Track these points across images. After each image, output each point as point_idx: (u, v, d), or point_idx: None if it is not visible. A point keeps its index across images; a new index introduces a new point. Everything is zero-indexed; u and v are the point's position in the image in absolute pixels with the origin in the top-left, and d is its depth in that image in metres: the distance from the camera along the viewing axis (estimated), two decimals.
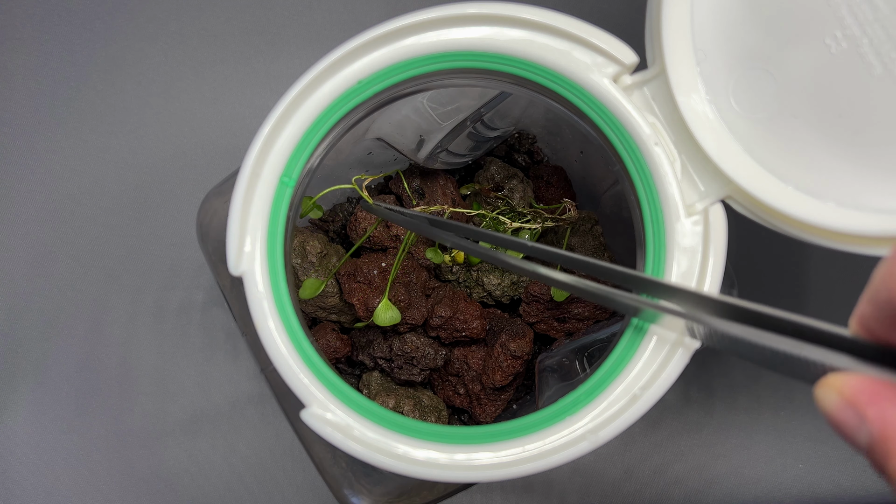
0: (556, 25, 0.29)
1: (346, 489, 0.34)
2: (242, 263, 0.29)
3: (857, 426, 0.16)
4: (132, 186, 0.52)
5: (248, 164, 0.30)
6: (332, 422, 0.28)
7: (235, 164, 0.31)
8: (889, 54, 0.27)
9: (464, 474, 0.28)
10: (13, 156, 0.52)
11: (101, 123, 0.53)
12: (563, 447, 0.28)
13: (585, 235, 0.43)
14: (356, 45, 0.30)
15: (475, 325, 0.41)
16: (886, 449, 0.15)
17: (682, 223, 0.29)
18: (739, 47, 0.29)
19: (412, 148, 0.40)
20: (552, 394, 0.36)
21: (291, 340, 0.29)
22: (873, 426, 0.15)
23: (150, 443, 0.50)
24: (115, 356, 0.50)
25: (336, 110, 0.30)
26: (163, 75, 0.53)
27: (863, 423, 0.15)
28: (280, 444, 0.50)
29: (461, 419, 0.45)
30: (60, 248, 0.51)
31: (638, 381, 0.28)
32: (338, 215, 0.46)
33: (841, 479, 0.50)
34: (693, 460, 0.50)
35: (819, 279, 0.51)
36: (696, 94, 0.29)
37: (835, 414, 0.16)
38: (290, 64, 0.54)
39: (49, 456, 0.49)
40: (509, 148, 0.47)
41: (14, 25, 0.53)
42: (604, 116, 0.30)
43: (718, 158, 0.29)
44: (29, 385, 0.50)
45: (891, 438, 0.15)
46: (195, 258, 0.51)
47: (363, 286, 0.41)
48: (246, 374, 0.50)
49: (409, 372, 0.41)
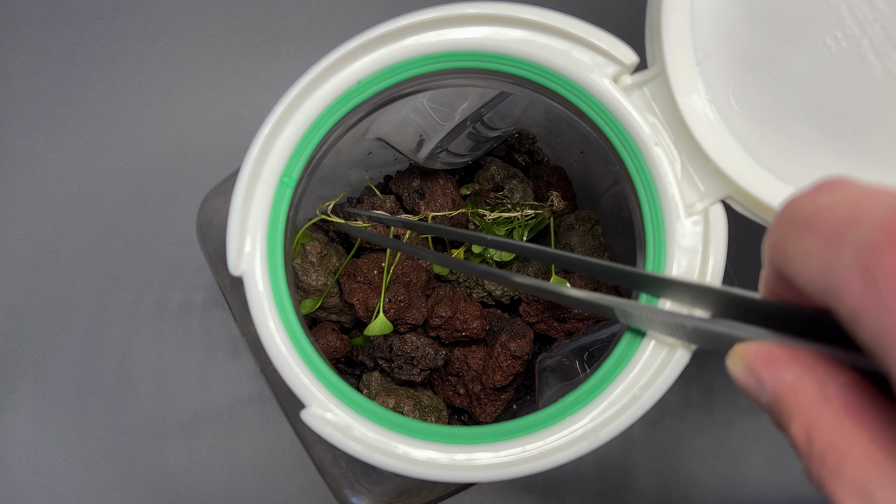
0: (556, 25, 0.29)
1: (346, 489, 0.34)
2: (242, 263, 0.29)
3: (759, 389, 0.17)
4: (132, 186, 0.52)
5: (248, 164, 0.30)
6: (332, 422, 0.28)
7: (235, 164, 0.31)
8: (889, 54, 0.27)
9: (464, 474, 0.28)
10: (13, 156, 0.52)
11: (101, 123, 0.53)
12: (563, 447, 0.28)
13: (585, 235, 0.43)
14: (356, 45, 0.30)
15: (475, 325, 0.41)
16: (780, 408, 0.17)
17: (682, 223, 0.29)
18: (739, 47, 0.29)
19: (412, 148, 0.40)
20: (552, 394, 0.36)
21: (291, 340, 0.29)
22: (769, 387, 0.17)
23: (150, 443, 0.50)
24: (115, 356, 0.50)
25: (336, 110, 0.30)
26: (163, 75, 0.53)
27: (762, 386, 0.17)
28: (280, 444, 0.50)
29: (461, 419, 0.45)
30: (60, 248, 0.51)
31: (638, 381, 0.28)
32: (337, 215, 0.46)
33: None
34: (693, 460, 0.50)
35: None
36: (696, 94, 0.29)
37: (740, 379, 0.18)
38: (290, 64, 0.54)
39: (49, 456, 0.49)
40: (509, 148, 0.47)
41: (14, 25, 0.53)
42: (604, 116, 0.30)
43: (718, 158, 0.29)
44: (29, 385, 0.50)
45: (783, 398, 0.17)
46: (195, 258, 0.51)
47: (363, 286, 0.41)
48: (246, 374, 0.50)
49: (409, 372, 0.41)
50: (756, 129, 0.29)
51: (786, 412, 0.17)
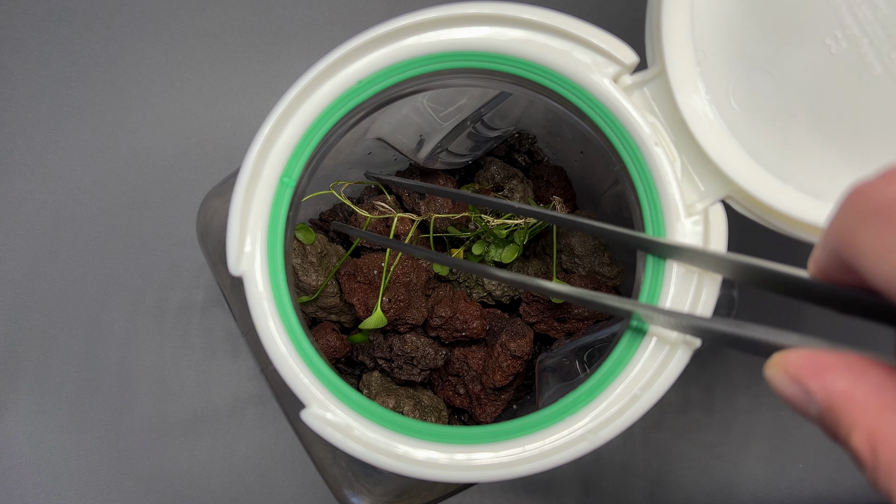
0: (556, 25, 0.29)
1: (346, 489, 0.34)
2: (242, 263, 0.29)
3: (806, 401, 0.16)
4: (132, 186, 0.52)
5: (248, 164, 0.30)
6: (332, 422, 0.28)
7: (235, 164, 0.31)
8: (889, 54, 0.27)
9: (464, 474, 0.28)
10: (13, 155, 0.52)
11: (101, 123, 0.53)
12: (563, 447, 0.28)
13: (585, 235, 0.43)
14: (356, 45, 0.30)
15: (475, 325, 0.41)
16: (835, 418, 0.16)
17: (682, 223, 0.29)
18: (739, 47, 0.29)
19: (412, 148, 0.40)
20: (552, 394, 0.36)
21: (291, 340, 0.29)
22: (819, 397, 0.16)
23: (150, 443, 0.50)
24: (115, 356, 0.50)
25: (336, 110, 0.30)
26: (163, 75, 0.53)
27: (810, 397, 0.16)
28: (280, 444, 0.50)
29: (461, 419, 0.45)
30: (60, 248, 0.51)
31: (638, 381, 0.28)
32: (338, 215, 0.46)
33: (841, 479, 0.50)
34: (693, 460, 0.50)
35: None
36: (696, 94, 0.29)
37: (783, 391, 0.17)
38: (290, 64, 0.54)
39: (49, 456, 0.49)
40: (509, 148, 0.47)
41: (14, 25, 0.53)
42: (604, 116, 0.30)
43: (718, 158, 0.29)
44: (29, 385, 0.50)
45: (837, 408, 0.15)
46: (195, 258, 0.51)
47: (363, 286, 0.41)
48: (246, 374, 0.50)
49: (409, 372, 0.41)
50: (756, 129, 0.29)
51: (843, 423, 0.15)
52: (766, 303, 0.51)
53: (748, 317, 0.51)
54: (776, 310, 0.51)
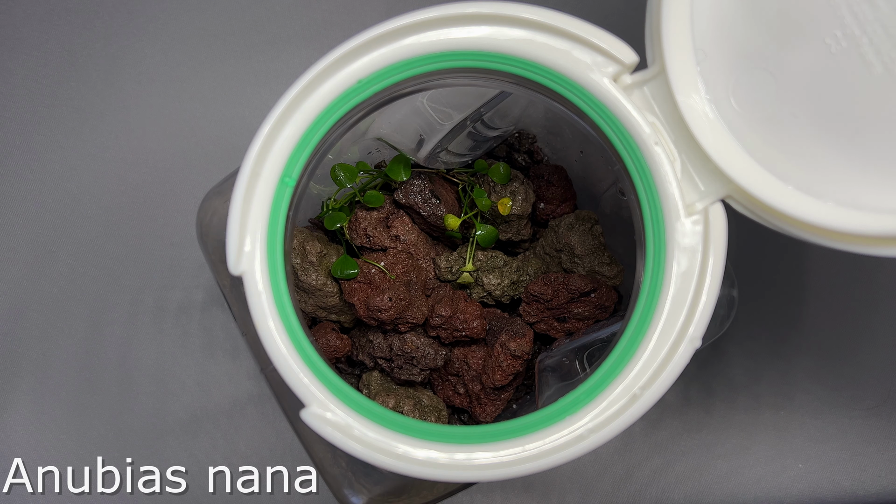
0: (556, 25, 0.29)
1: (346, 489, 0.34)
2: (242, 263, 0.29)
3: None
4: (132, 186, 0.52)
5: (247, 164, 0.30)
6: (332, 421, 0.28)
7: (235, 164, 0.31)
8: (889, 54, 0.27)
9: (464, 474, 0.28)
10: (13, 155, 0.52)
11: (101, 123, 0.53)
12: (563, 447, 0.28)
13: (585, 235, 0.43)
14: (356, 44, 0.30)
15: (475, 325, 0.41)
16: None
17: (682, 223, 0.29)
18: (739, 47, 0.29)
19: (412, 148, 0.40)
20: (552, 394, 0.36)
21: (291, 340, 0.29)
22: None
23: (150, 443, 0.50)
24: (115, 356, 0.51)
25: (336, 110, 0.30)
26: (163, 75, 0.53)
27: None
28: (280, 444, 0.50)
29: (461, 419, 0.45)
30: (60, 248, 0.51)
31: (638, 381, 0.28)
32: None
33: (841, 479, 0.50)
34: (693, 460, 0.50)
35: (819, 279, 0.51)
36: (696, 94, 0.29)
37: None
38: (290, 64, 0.54)
39: (49, 456, 0.49)
40: (509, 148, 0.47)
41: (14, 25, 0.53)
42: (604, 116, 0.30)
43: (718, 158, 0.29)
44: (29, 385, 0.50)
45: None
46: (195, 258, 0.51)
47: (363, 286, 0.41)
48: (246, 374, 0.50)
49: (409, 372, 0.41)
50: (756, 128, 0.29)
51: None
52: (767, 303, 0.51)
53: (748, 317, 0.51)
54: (776, 310, 0.51)
